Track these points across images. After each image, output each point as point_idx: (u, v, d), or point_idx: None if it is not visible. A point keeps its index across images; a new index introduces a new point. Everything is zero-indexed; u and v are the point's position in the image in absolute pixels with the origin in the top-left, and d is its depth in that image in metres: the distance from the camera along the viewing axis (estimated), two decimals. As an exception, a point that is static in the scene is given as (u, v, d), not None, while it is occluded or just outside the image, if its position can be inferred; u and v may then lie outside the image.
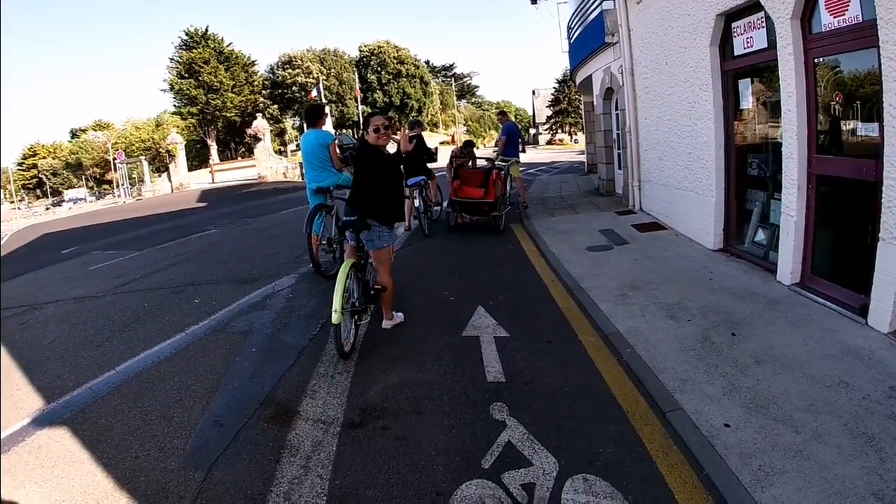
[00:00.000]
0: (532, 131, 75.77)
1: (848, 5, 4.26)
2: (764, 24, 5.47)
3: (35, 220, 29.97)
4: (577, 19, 13.59)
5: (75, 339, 5.58)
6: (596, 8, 11.12)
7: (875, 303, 4.07)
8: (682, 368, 3.83)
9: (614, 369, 4.03)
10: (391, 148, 4.98)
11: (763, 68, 5.82)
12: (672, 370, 3.82)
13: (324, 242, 6.83)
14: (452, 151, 11.11)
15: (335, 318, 4.16)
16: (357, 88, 47.60)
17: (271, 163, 34.33)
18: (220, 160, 45.95)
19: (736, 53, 6.17)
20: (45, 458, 3.39)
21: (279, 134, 51.67)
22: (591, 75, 13.41)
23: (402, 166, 5.07)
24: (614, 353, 4.28)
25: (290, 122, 54.66)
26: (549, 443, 3.14)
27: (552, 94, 68.60)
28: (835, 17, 4.43)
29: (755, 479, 2.64)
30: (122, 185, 36.68)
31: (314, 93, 36.15)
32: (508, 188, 10.61)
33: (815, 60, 4.76)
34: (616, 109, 11.95)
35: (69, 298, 7.35)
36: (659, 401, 3.48)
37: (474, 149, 10.69)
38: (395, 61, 57.90)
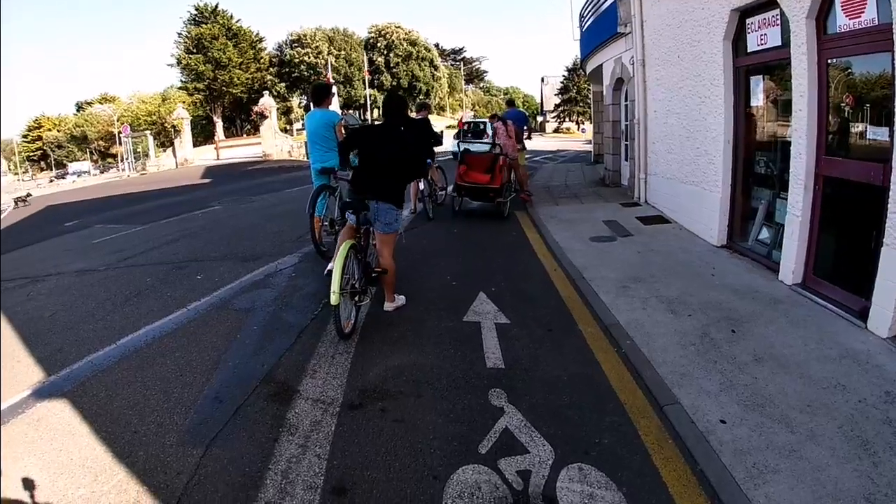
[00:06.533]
0: (539, 119, 75.35)
1: (864, 8, 4.20)
2: (779, 22, 5.41)
3: (39, 192, 29.91)
4: (589, 8, 13.48)
5: (77, 313, 5.59)
6: (609, -3, 11.02)
7: (875, 307, 4.07)
8: (680, 363, 3.85)
9: (613, 360, 4.05)
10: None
11: (775, 66, 5.77)
12: (671, 364, 3.84)
13: (326, 224, 6.81)
14: (492, 123, 10.83)
15: (334, 298, 4.16)
16: (366, 69, 47.38)
17: (277, 141, 34.22)
18: (226, 137, 45.89)
19: (749, 50, 6.10)
20: (44, 431, 3.40)
21: (285, 112, 51.51)
22: (601, 65, 13.33)
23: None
24: (613, 345, 4.30)
25: (296, 101, 54.42)
26: (546, 431, 3.16)
27: (561, 82, 68.18)
28: (850, 19, 4.37)
29: (748, 476, 2.66)
30: (127, 158, 36.57)
31: (329, 76, 35.96)
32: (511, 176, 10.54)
33: (829, 61, 4.72)
34: (625, 100, 11.89)
35: (71, 271, 7.37)
36: (657, 394, 3.50)
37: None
38: (405, 42, 57.50)
